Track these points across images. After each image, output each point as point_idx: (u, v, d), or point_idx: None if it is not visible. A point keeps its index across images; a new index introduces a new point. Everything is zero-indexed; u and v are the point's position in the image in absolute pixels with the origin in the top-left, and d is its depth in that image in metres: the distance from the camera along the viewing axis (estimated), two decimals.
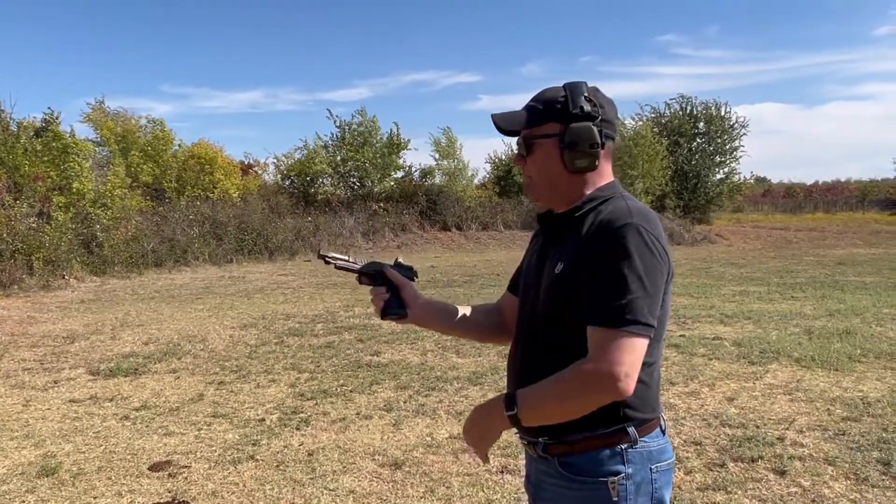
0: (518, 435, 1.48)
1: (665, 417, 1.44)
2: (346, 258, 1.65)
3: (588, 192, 1.38)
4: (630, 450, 1.32)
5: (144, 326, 7.92)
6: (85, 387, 5.32)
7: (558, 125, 1.35)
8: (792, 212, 34.96)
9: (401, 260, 1.62)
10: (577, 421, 1.31)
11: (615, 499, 1.30)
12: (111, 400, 4.94)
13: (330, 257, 1.65)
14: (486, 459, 1.50)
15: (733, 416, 4.25)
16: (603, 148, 1.37)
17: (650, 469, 1.33)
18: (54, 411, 4.70)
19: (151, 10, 52.54)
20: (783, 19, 68.09)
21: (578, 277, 1.29)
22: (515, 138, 1.46)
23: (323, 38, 57.77)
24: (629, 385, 1.22)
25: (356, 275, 1.63)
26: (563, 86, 1.38)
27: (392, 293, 1.61)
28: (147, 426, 4.34)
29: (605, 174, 1.41)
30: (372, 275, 1.61)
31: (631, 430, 1.32)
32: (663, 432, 1.40)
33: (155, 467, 3.65)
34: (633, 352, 1.22)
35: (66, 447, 3.97)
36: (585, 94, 1.35)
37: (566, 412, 1.29)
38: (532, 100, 1.42)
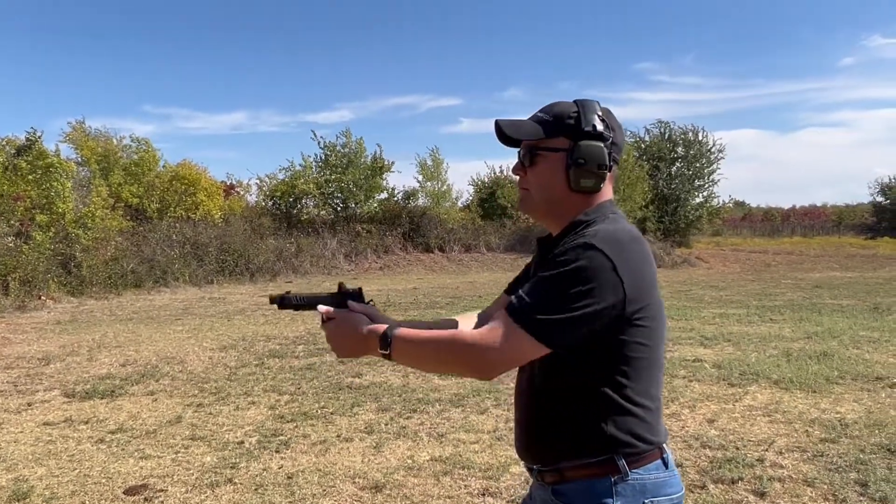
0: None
1: (668, 449, 1.37)
2: (299, 296, 1.54)
3: (583, 212, 1.35)
4: (622, 482, 1.28)
5: (122, 348, 7.80)
6: (59, 409, 5.22)
7: (568, 141, 1.32)
8: (770, 235, 35.47)
9: (348, 286, 1.54)
10: (567, 449, 1.31)
11: None
12: (86, 422, 4.85)
13: (287, 298, 1.53)
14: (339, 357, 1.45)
15: (713, 437, 4.27)
16: (609, 171, 1.35)
17: (643, 503, 1.28)
18: (27, 434, 4.60)
19: (133, 31, 52.47)
20: (756, 48, 69.95)
21: None
22: (514, 147, 1.42)
23: (305, 61, 57.90)
24: (491, 369, 1.24)
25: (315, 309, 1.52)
26: (575, 101, 1.35)
27: None
28: (123, 449, 4.26)
29: (604, 197, 1.39)
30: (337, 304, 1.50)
31: (621, 462, 1.28)
32: (665, 465, 1.33)
33: (130, 491, 3.58)
34: (509, 342, 1.22)
35: (38, 471, 3.88)
36: (599, 114, 1.33)
37: (432, 368, 1.36)
38: (541, 111, 1.37)
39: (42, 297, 12.39)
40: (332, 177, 22.98)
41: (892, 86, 71.85)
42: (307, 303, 1.53)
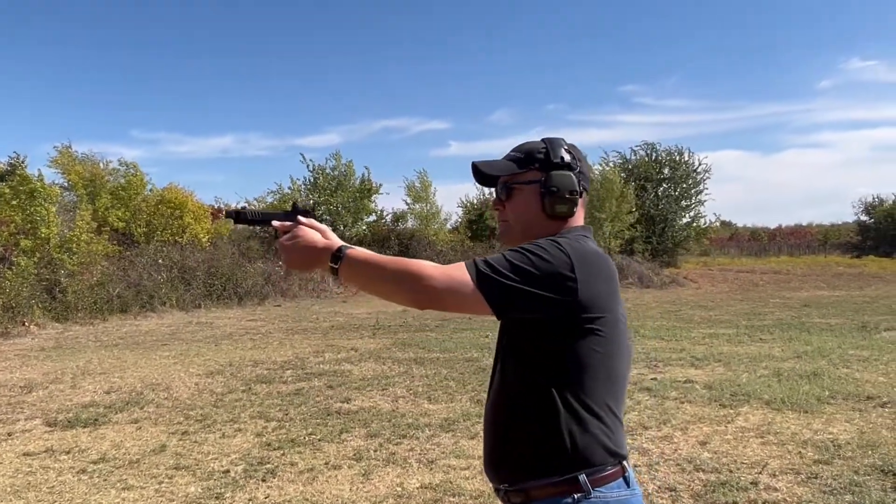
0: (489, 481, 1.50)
1: (629, 466, 1.40)
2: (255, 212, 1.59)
3: (558, 235, 1.42)
4: (584, 500, 1.31)
5: (106, 374, 7.67)
6: (41, 439, 5.10)
7: (540, 173, 1.45)
8: (757, 255, 35.65)
9: (299, 204, 1.60)
10: (532, 468, 1.35)
11: None
12: (68, 453, 4.73)
13: (242, 213, 1.57)
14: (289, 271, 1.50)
15: (707, 460, 4.22)
16: (580, 197, 1.47)
17: None
18: (6, 465, 4.48)
19: (121, 55, 52.47)
20: (738, 71, 70.69)
21: None
22: (491, 186, 1.53)
23: (294, 84, 58.00)
24: (427, 298, 1.28)
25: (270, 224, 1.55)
26: (543, 140, 1.49)
27: None
28: (105, 480, 4.15)
29: (577, 222, 1.50)
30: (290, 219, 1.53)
31: (582, 478, 1.31)
32: (627, 483, 1.36)
33: None
34: (453, 279, 1.27)
35: None
36: (565, 147, 1.47)
37: (373, 288, 1.37)
38: (513, 150, 1.51)
39: (26, 324, 12.20)
40: (321, 199, 22.97)
41: (870, 108, 73.09)
42: (262, 218, 1.56)
